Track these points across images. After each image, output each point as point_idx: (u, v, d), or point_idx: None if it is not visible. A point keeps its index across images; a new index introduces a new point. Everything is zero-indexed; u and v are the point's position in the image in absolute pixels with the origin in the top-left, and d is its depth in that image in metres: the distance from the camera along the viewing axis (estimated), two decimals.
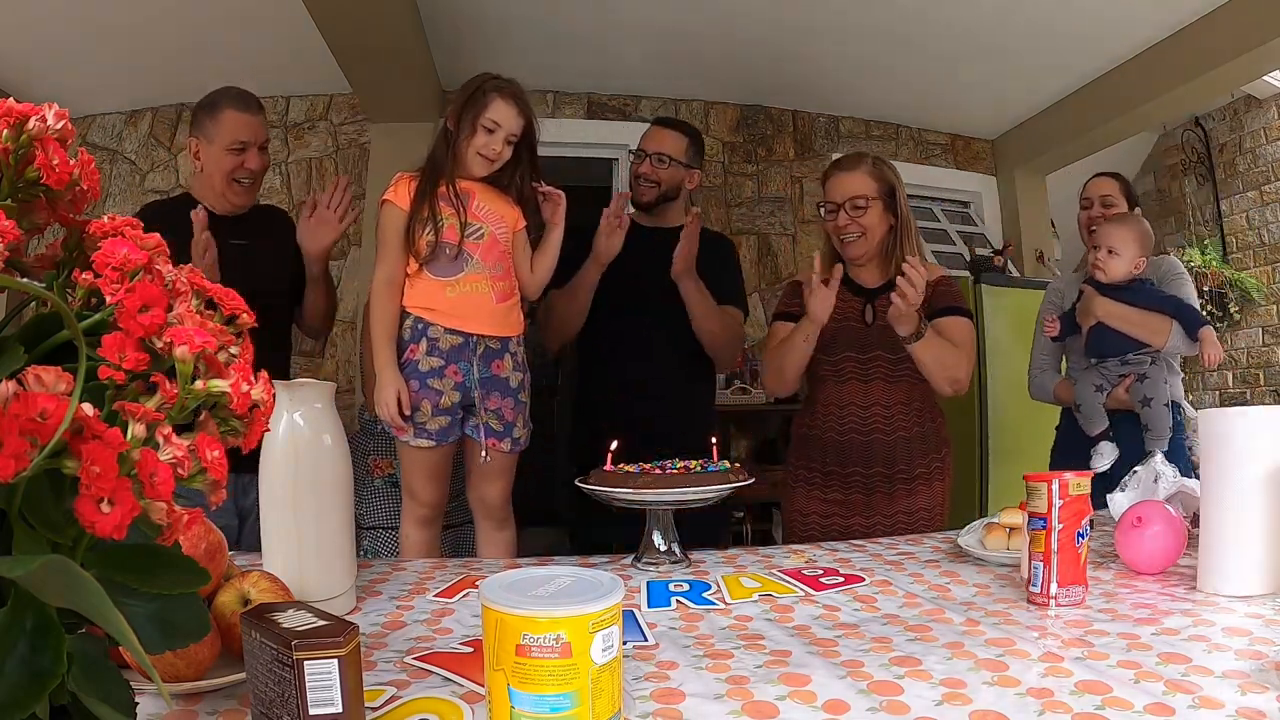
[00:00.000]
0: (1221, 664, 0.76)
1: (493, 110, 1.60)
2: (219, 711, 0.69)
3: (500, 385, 1.62)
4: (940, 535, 1.53)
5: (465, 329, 1.59)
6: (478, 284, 1.61)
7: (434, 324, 1.59)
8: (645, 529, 1.29)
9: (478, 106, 1.60)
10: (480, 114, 1.60)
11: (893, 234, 1.77)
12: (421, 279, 1.60)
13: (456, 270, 1.60)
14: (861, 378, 1.77)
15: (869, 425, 1.77)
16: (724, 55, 3.39)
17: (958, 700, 0.70)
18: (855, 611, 1.00)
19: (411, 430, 1.57)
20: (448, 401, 1.58)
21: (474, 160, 1.62)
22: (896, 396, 1.77)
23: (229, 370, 0.44)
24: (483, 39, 3.13)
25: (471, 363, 1.59)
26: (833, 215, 1.79)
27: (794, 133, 4.02)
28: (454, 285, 1.60)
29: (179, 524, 0.40)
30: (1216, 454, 1.03)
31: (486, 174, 1.65)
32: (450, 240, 1.60)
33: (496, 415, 1.62)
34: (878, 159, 1.82)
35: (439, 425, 1.58)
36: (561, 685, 0.59)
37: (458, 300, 1.59)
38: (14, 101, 0.44)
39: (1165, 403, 1.90)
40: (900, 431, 1.77)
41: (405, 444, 1.59)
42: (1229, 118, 4.25)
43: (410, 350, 1.58)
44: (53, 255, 0.48)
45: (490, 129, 1.60)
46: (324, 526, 0.99)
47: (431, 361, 1.57)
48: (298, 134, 3.55)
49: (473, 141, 1.61)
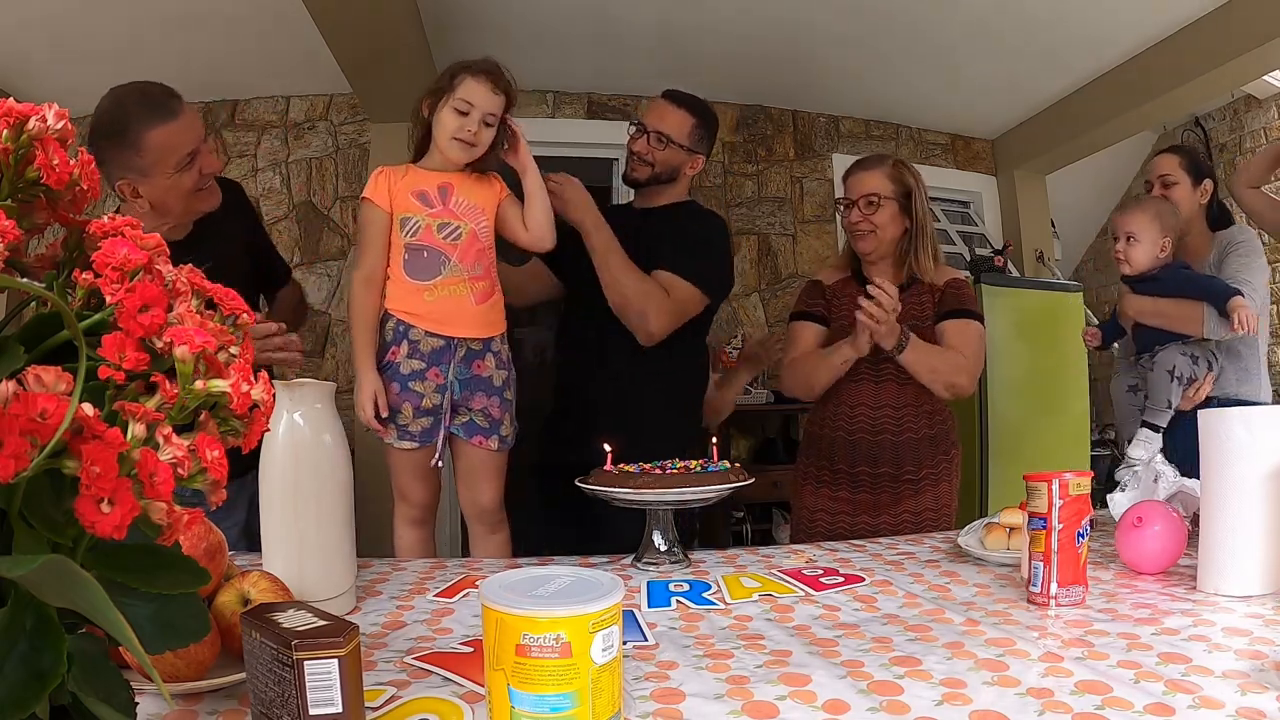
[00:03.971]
0: (1221, 664, 0.76)
1: (463, 90, 1.52)
2: (219, 711, 0.69)
3: (483, 385, 1.60)
4: (940, 535, 1.53)
5: (446, 332, 1.56)
6: (455, 287, 1.57)
7: (414, 326, 1.56)
8: (645, 529, 1.29)
9: (448, 88, 1.53)
10: (450, 96, 1.53)
11: (907, 236, 1.78)
12: (401, 281, 1.56)
13: (434, 274, 1.56)
14: (874, 379, 1.78)
15: (878, 425, 1.79)
16: (724, 55, 3.39)
17: (958, 700, 0.70)
18: (855, 611, 1.00)
19: (394, 432, 1.55)
20: (429, 403, 1.56)
21: (451, 147, 1.54)
22: (907, 398, 1.78)
23: (229, 370, 0.44)
24: (483, 39, 3.12)
25: (451, 365, 1.57)
26: (847, 211, 1.81)
27: (794, 133, 4.02)
28: (432, 290, 1.56)
29: (179, 524, 0.40)
30: (1216, 454, 1.03)
31: (469, 160, 1.57)
32: (427, 242, 1.56)
33: (483, 414, 1.60)
34: (900, 161, 1.83)
35: (421, 427, 1.56)
36: (561, 685, 0.59)
37: (436, 304, 1.56)
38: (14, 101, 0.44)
39: (1169, 369, 1.80)
40: (909, 433, 1.78)
41: (390, 445, 1.58)
42: (1229, 118, 4.24)
43: (391, 352, 1.56)
44: (53, 255, 0.48)
45: (464, 110, 1.52)
46: (324, 526, 0.99)
47: (413, 364, 1.55)
48: (298, 134, 3.55)
49: (447, 126, 1.53)
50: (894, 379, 1.77)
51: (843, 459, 1.81)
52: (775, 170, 3.98)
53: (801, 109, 4.01)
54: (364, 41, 2.64)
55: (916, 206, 1.78)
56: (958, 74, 3.55)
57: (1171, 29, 3.11)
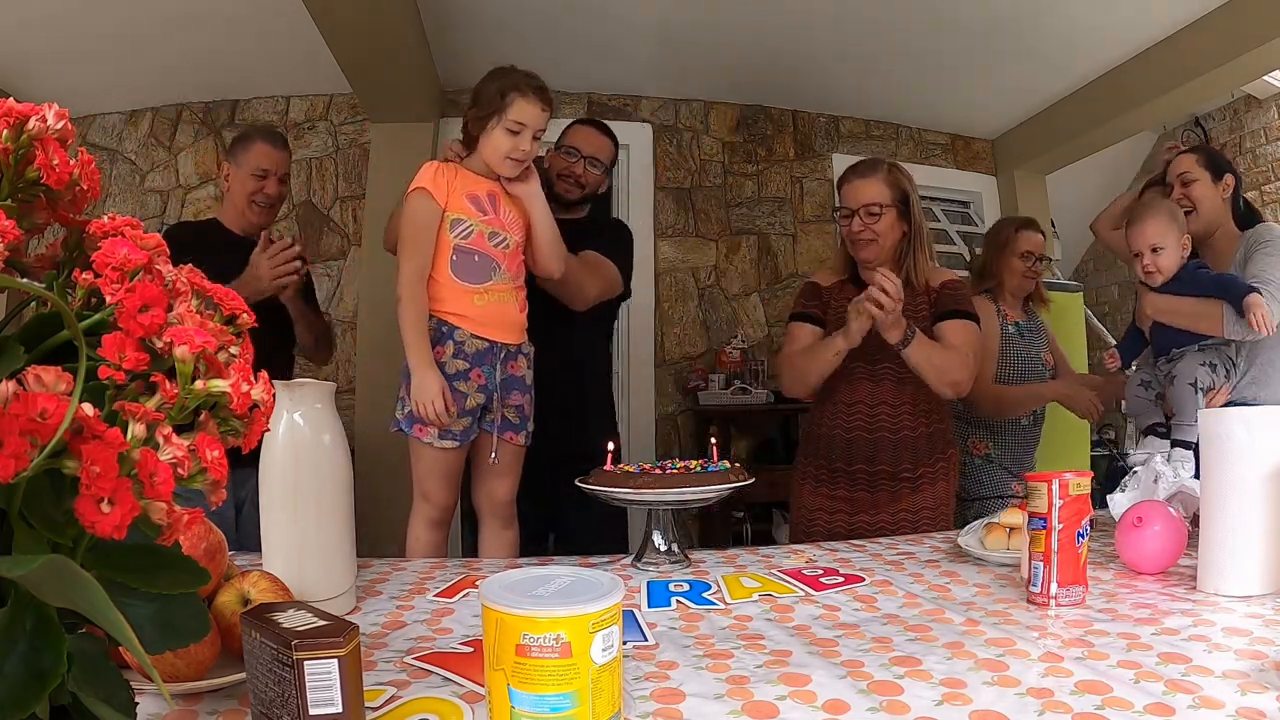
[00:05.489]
0: (1221, 664, 0.76)
1: (515, 111, 1.56)
2: (219, 711, 0.69)
3: (517, 384, 1.64)
4: (940, 535, 1.53)
5: (492, 336, 1.59)
6: (504, 294, 1.61)
7: (460, 328, 1.58)
8: (645, 529, 1.29)
9: (499, 109, 1.56)
10: (503, 116, 1.56)
11: (905, 240, 1.80)
12: (448, 282, 1.58)
13: (484, 278, 1.59)
14: (871, 378, 1.80)
15: (875, 424, 1.80)
16: (724, 55, 3.39)
17: (958, 700, 0.70)
18: (855, 611, 1.00)
19: (435, 432, 1.55)
20: (473, 403, 1.58)
21: (504, 165, 1.59)
22: (904, 397, 1.79)
23: (229, 370, 0.44)
24: (483, 39, 3.13)
25: (495, 366, 1.60)
26: (847, 220, 1.81)
27: (794, 133, 4.02)
28: (483, 294, 1.58)
29: (179, 524, 0.40)
30: (1216, 454, 1.03)
31: (516, 174, 1.62)
32: (479, 248, 1.58)
33: (516, 411, 1.64)
34: (893, 165, 1.83)
35: (462, 426, 1.58)
36: (561, 685, 0.59)
37: (487, 309, 1.59)
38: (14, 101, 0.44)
39: (1190, 382, 1.76)
40: (905, 431, 1.80)
41: (427, 445, 1.56)
42: (1229, 118, 4.24)
43: (437, 352, 1.56)
44: (53, 255, 0.48)
45: (515, 131, 1.57)
46: (324, 526, 0.99)
47: (458, 364, 1.57)
48: (298, 134, 3.55)
49: (499, 147, 1.57)
50: (891, 378, 1.78)
51: (841, 457, 1.82)
52: (775, 170, 3.98)
53: (801, 109, 4.01)
54: (364, 41, 2.64)
55: (914, 210, 1.79)
56: (957, 74, 3.55)
57: (1171, 29, 3.11)
